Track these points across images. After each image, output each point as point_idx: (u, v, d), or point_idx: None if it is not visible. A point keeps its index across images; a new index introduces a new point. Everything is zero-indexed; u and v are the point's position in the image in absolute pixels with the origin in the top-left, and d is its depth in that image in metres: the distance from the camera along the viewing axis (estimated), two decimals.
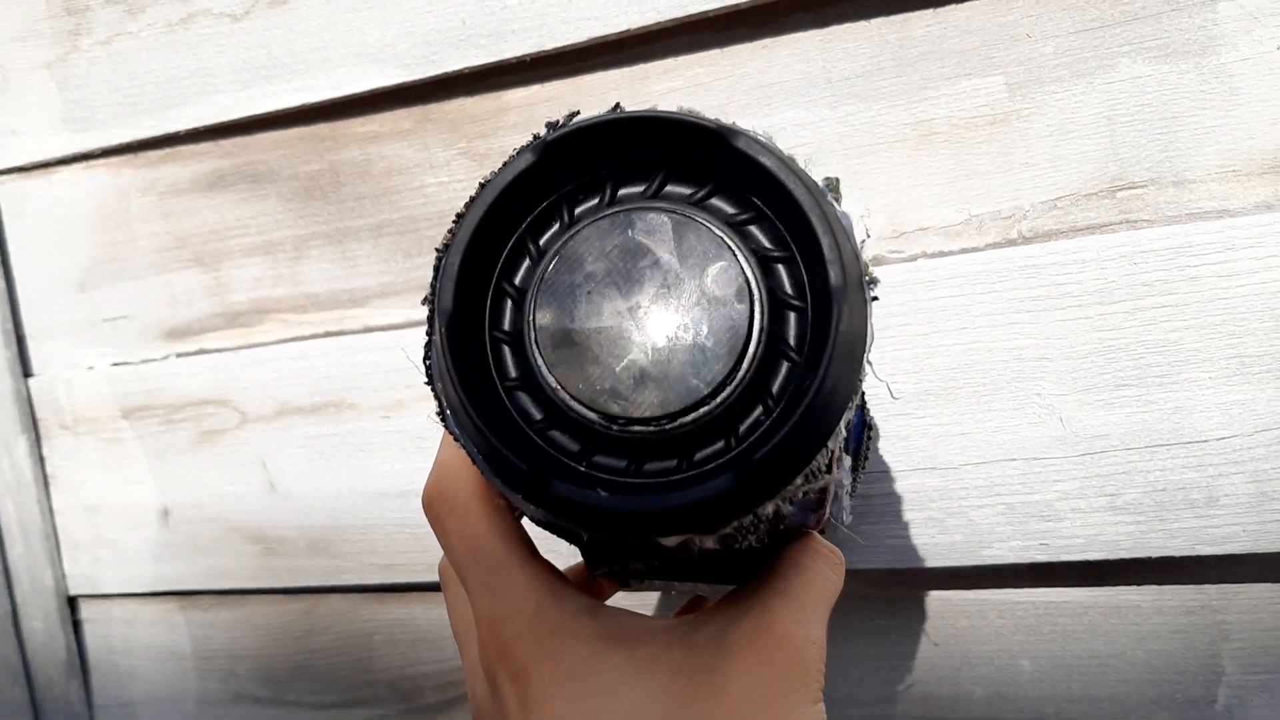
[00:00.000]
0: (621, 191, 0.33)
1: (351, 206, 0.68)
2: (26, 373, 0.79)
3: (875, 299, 0.33)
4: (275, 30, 0.66)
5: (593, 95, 0.62)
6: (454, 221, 0.32)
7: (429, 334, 0.34)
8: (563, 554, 0.43)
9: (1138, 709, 0.56)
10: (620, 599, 0.47)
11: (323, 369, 0.69)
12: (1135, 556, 0.53)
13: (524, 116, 0.63)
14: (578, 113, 0.33)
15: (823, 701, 0.35)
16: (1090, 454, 0.53)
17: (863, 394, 0.46)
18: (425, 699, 0.71)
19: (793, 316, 0.31)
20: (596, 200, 0.33)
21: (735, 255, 0.31)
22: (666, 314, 0.31)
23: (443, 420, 0.34)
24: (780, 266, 0.31)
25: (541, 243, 0.33)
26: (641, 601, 0.63)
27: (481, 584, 0.36)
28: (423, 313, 0.66)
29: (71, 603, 0.81)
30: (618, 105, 0.33)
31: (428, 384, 0.35)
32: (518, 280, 0.33)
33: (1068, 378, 0.53)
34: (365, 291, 0.68)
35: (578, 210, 0.33)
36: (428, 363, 0.35)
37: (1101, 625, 0.56)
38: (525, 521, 0.37)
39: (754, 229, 0.32)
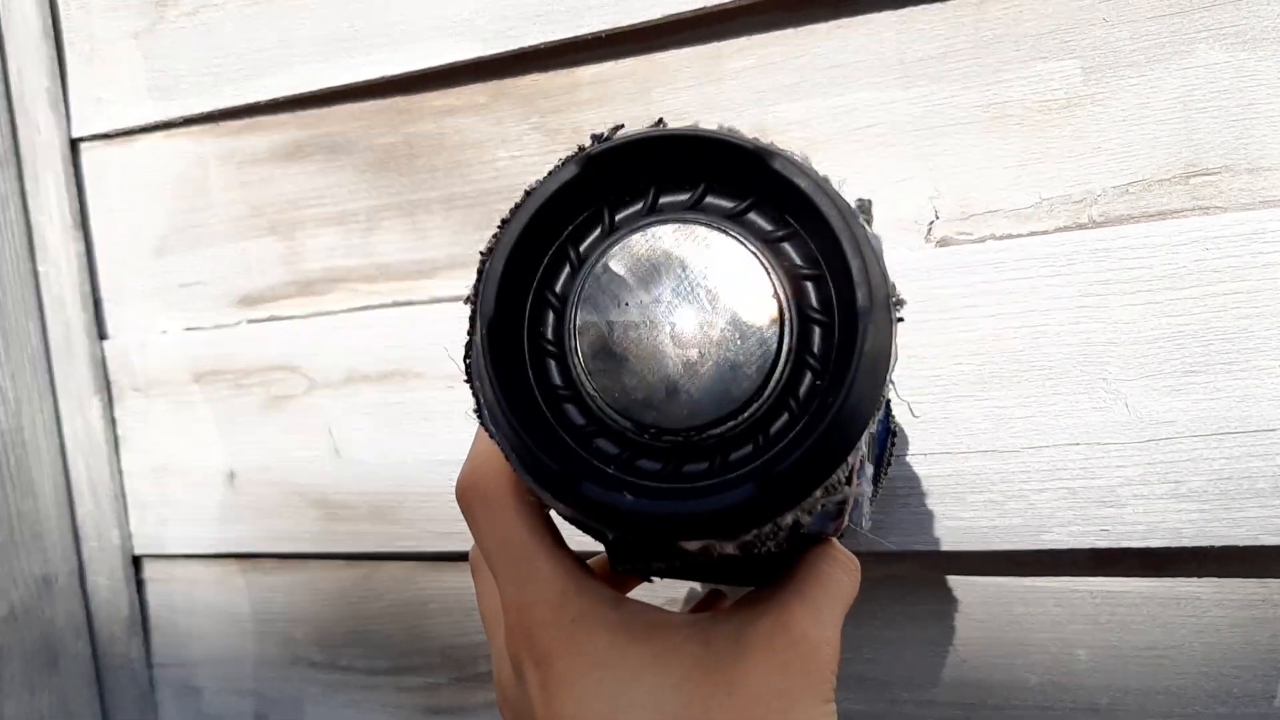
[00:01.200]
0: (663, 199, 0.33)
1: (424, 179, 0.69)
2: (101, 335, 0.80)
3: (900, 319, 0.33)
4: (356, 4, 0.67)
5: (665, 72, 0.62)
6: (498, 227, 0.33)
7: (470, 334, 0.35)
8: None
9: (1194, 702, 0.55)
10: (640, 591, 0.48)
11: (390, 338, 0.70)
12: (1198, 545, 0.52)
13: (597, 93, 0.64)
14: (621, 126, 0.34)
15: (834, 701, 0.36)
16: (1155, 440, 0.52)
17: (887, 403, 0.47)
18: (478, 668, 0.72)
19: (818, 331, 0.31)
20: (639, 206, 0.33)
21: (768, 275, 0.31)
22: (700, 329, 0.31)
23: (479, 417, 0.35)
24: (809, 283, 0.32)
25: (582, 249, 0.33)
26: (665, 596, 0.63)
27: (509, 572, 0.37)
28: None
29: (136, 562, 0.82)
30: (660, 120, 0.34)
31: (466, 382, 0.36)
32: (558, 288, 0.33)
33: (1135, 363, 0.53)
34: (434, 263, 0.69)
35: (619, 216, 0.33)
36: (467, 361, 0.36)
37: (1160, 617, 0.55)
38: (554, 515, 0.38)
39: (787, 246, 0.32)
